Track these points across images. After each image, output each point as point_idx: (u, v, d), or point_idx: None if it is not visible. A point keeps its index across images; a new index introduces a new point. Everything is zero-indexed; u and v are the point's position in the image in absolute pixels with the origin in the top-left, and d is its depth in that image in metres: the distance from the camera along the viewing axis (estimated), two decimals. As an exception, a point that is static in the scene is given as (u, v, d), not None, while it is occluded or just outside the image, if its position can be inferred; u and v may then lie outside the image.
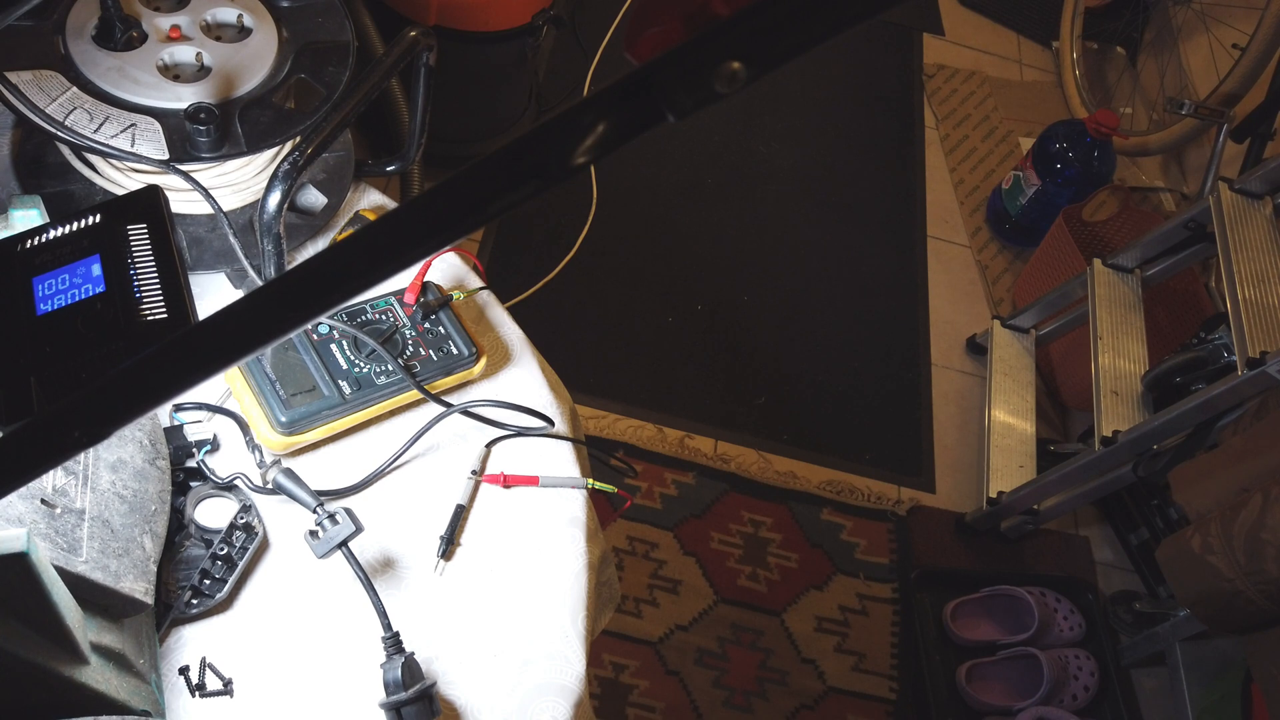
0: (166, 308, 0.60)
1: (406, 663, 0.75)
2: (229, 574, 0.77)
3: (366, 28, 1.69)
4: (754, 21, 0.32)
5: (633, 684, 1.68)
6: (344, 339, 0.88)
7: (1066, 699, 1.71)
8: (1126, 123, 2.69)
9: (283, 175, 0.77)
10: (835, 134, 2.64)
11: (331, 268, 0.38)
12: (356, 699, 0.76)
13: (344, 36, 0.95)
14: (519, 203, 0.35)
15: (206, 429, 0.83)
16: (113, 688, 0.63)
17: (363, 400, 0.86)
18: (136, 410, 0.40)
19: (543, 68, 2.27)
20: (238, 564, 0.78)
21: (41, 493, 0.64)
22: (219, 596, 0.76)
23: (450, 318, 0.94)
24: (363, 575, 0.77)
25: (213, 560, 0.77)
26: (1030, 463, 2.00)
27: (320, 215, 0.97)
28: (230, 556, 0.78)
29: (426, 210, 0.36)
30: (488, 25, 1.85)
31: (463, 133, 2.05)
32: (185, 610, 0.75)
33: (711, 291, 2.24)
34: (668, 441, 1.97)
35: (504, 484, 0.90)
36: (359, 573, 0.77)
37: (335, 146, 1.00)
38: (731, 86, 0.32)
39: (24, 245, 0.63)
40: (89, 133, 0.81)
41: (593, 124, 0.33)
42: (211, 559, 0.77)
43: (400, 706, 0.73)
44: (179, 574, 0.76)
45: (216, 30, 0.93)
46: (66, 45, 0.86)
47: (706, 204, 2.40)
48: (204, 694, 0.74)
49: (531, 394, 0.97)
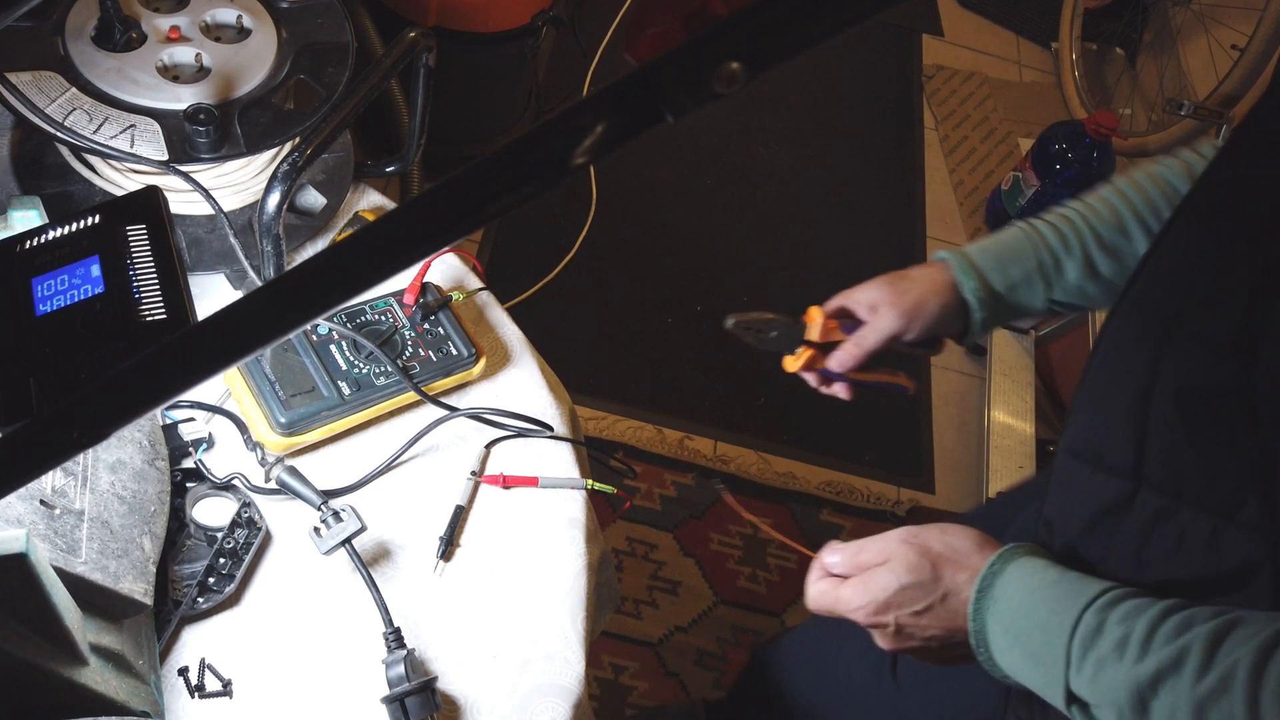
0: (166, 308, 0.60)
1: (409, 657, 0.75)
2: (235, 569, 0.78)
3: (366, 28, 1.69)
4: (753, 22, 0.32)
5: (632, 685, 1.68)
6: (343, 340, 0.88)
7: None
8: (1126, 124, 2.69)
9: (282, 176, 0.77)
10: (835, 135, 2.64)
11: (331, 268, 0.37)
12: (356, 698, 0.76)
13: (343, 37, 0.95)
14: (519, 203, 0.35)
15: (202, 428, 0.83)
16: (112, 689, 0.63)
17: (362, 401, 0.86)
18: (136, 411, 0.40)
19: (542, 68, 2.27)
20: (244, 559, 0.78)
21: (41, 494, 0.64)
22: (227, 591, 0.77)
23: (450, 318, 0.94)
24: (365, 572, 0.77)
25: (217, 557, 0.77)
26: (1030, 463, 2.00)
27: (320, 216, 0.97)
28: (235, 551, 0.78)
29: (426, 211, 0.36)
30: (487, 26, 1.85)
31: (462, 133, 2.05)
32: (195, 608, 0.75)
33: (711, 292, 2.24)
34: (667, 442, 1.97)
35: (503, 485, 0.90)
36: (361, 570, 0.77)
37: (335, 147, 1.00)
38: (731, 87, 0.32)
39: (23, 246, 0.63)
40: (88, 133, 0.81)
41: (592, 124, 0.33)
42: (216, 556, 0.77)
43: (403, 698, 0.73)
44: (184, 573, 0.77)
45: (216, 31, 0.93)
46: (66, 46, 0.86)
47: (706, 205, 2.40)
48: (203, 695, 0.74)
49: (531, 395, 0.97)
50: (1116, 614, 0.60)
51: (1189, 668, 0.55)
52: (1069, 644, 0.61)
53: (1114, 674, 0.58)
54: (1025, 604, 0.65)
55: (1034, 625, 0.64)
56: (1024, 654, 0.64)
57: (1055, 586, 0.65)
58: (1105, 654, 0.59)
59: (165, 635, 0.73)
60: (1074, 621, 0.61)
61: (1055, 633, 0.62)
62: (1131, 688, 0.57)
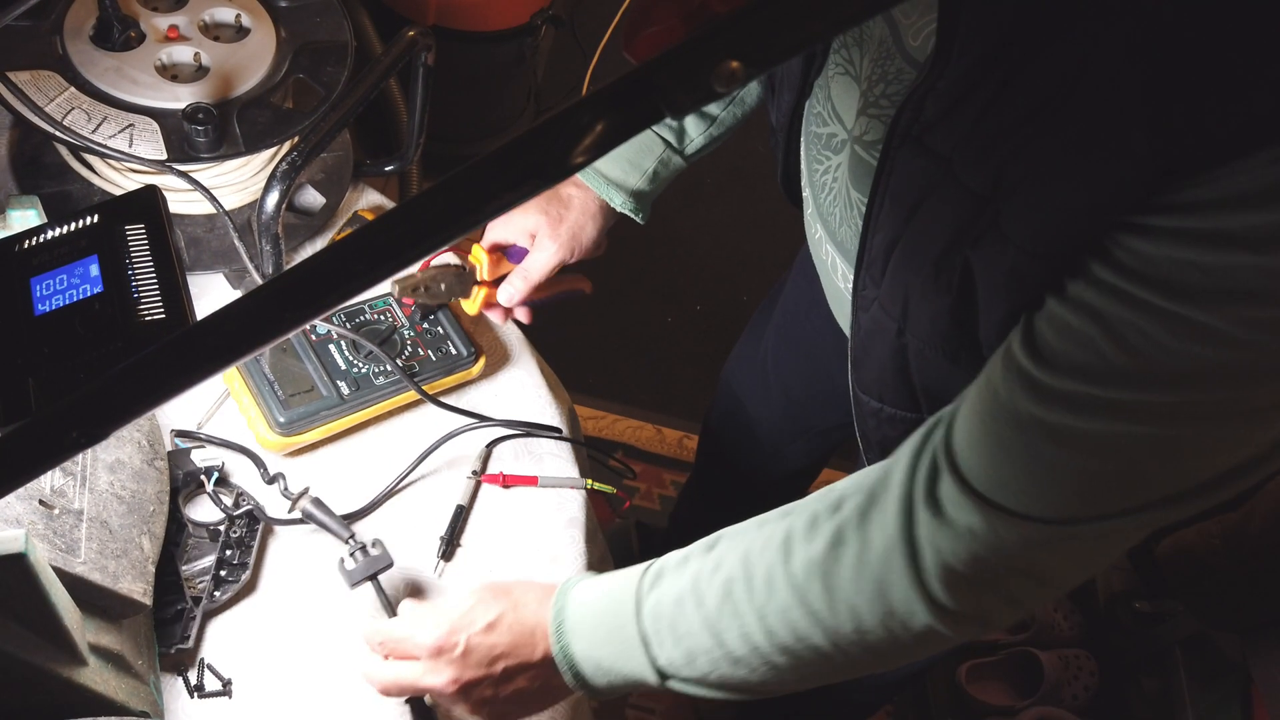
0: (165, 308, 0.59)
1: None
2: (246, 556, 0.79)
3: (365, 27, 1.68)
4: (752, 20, 0.32)
5: (632, 684, 1.68)
6: (342, 339, 0.88)
7: (1066, 699, 1.71)
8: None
9: (281, 175, 0.77)
10: (834, 134, 2.64)
11: (330, 268, 0.37)
12: (356, 698, 0.76)
13: (342, 36, 0.95)
14: (518, 202, 0.35)
15: (215, 455, 0.83)
16: (111, 689, 0.63)
17: (361, 400, 0.86)
18: (135, 411, 0.40)
19: (541, 67, 2.27)
20: (251, 545, 0.79)
21: (40, 494, 0.63)
22: (243, 579, 0.78)
23: (449, 318, 0.93)
24: (390, 611, 0.77)
25: (224, 549, 0.78)
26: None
27: (319, 215, 0.97)
28: (242, 540, 0.79)
29: (425, 210, 0.36)
30: (486, 25, 1.85)
31: (461, 133, 2.04)
32: (216, 601, 0.76)
33: (711, 292, 2.24)
34: (666, 442, 1.97)
35: (503, 484, 0.90)
36: (385, 605, 0.78)
37: (333, 146, 1.00)
38: (730, 85, 0.32)
39: (22, 245, 0.63)
40: (87, 133, 0.81)
41: (591, 123, 0.33)
42: (223, 548, 0.78)
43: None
44: (195, 570, 0.77)
45: (214, 30, 0.92)
46: (64, 45, 0.86)
47: (706, 204, 2.40)
48: (203, 695, 0.74)
49: (530, 394, 0.97)
50: (657, 580, 0.64)
51: (739, 589, 0.60)
52: (638, 624, 0.63)
53: (689, 624, 0.62)
54: (593, 605, 0.66)
55: (605, 618, 0.65)
56: (607, 654, 0.65)
57: (610, 581, 0.66)
58: (672, 619, 0.62)
59: (192, 631, 0.74)
60: (634, 603, 0.64)
61: (625, 619, 0.64)
62: (705, 626, 0.61)
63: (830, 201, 0.75)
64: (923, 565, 0.56)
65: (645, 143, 0.93)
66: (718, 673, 0.62)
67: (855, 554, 0.57)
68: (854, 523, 0.58)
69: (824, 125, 0.73)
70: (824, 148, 0.74)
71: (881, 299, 0.66)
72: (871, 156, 0.64)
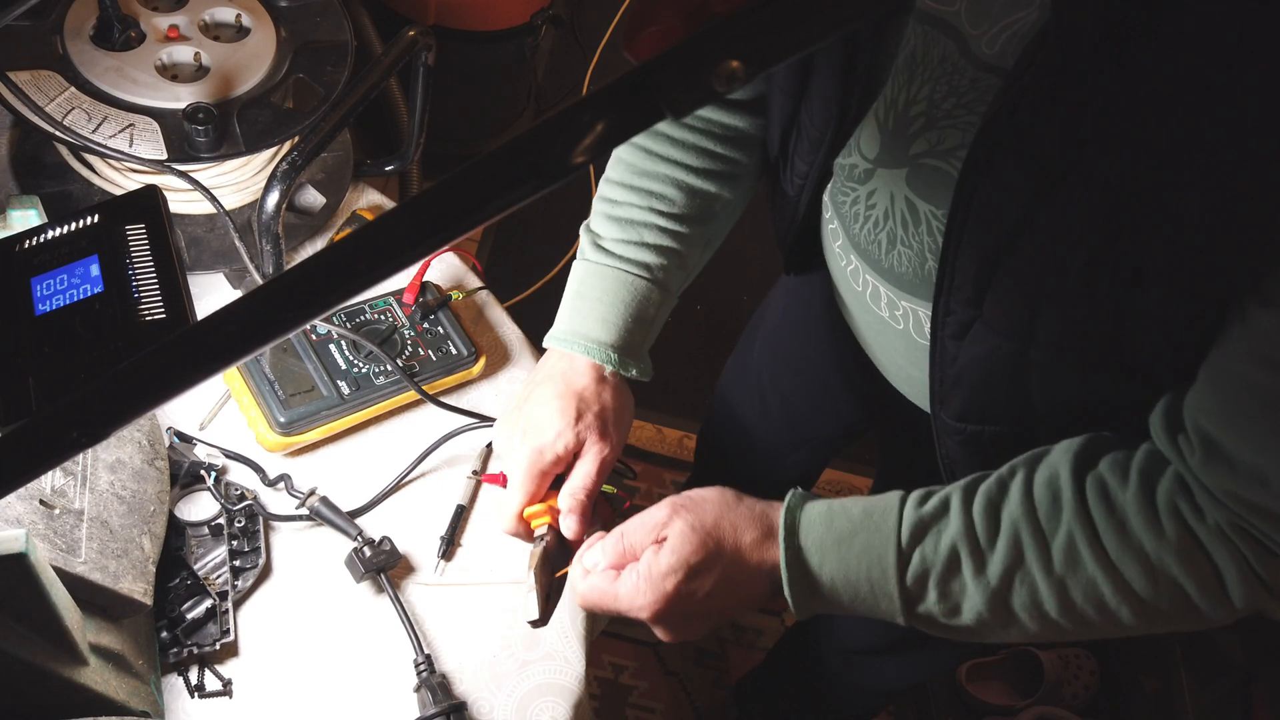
0: (165, 308, 0.59)
1: (441, 681, 0.77)
2: (257, 542, 0.79)
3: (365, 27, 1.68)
4: (752, 20, 0.32)
5: (632, 685, 1.68)
6: (343, 339, 0.88)
7: (1066, 698, 1.71)
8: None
9: (281, 175, 0.77)
10: (834, 133, 2.64)
11: (330, 268, 0.37)
12: (356, 698, 0.76)
13: (342, 36, 0.95)
14: (518, 202, 0.35)
15: (215, 454, 0.83)
16: (112, 688, 0.63)
17: (362, 400, 0.86)
18: (135, 410, 0.40)
19: (541, 67, 2.27)
20: (257, 531, 0.80)
21: (40, 493, 0.64)
22: (260, 563, 0.79)
23: (449, 317, 0.93)
24: (400, 606, 0.78)
25: (231, 540, 0.79)
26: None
27: (319, 215, 0.97)
28: (248, 529, 0.80)
29: (425, 210, 0.36)
30: (487, 25, 1.85)
31: (462, 133, 2.04)
32: (240, 590, 0.77)
33: (711, 292, 2.24)
34: (667, 442, 1.97)
35: (504, 484, 0.89)
36: (395, 600, 0.78)
37: (334, 146, 1.00)
38: (730, 85, 0.32)
39: (22, 245, 0.63)
40: (87, 133, 0.81)
41: (591, 123, 0.33)
42: (230, 539, 0.78)
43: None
44: (210, 566, 0.78)
45: (215, 30, 0.92)
46: (65, 45, 0.86)
47: (706, 204, 2.40)
48: (203, 694, 0.74)
49: (531, 394, 0.97)
50: (923, 513, 0.63)
51: (1030, 557, 0.60)
52: (898, 543, 0.62)
53: (963, 585, 0.61)
54: (834, 512, 0.64)
55: (853, 527, 0.63)
56: (849, 556, 0.63)
57: (855, 504, 0.65)
58: (942, 570, 0.61)
59: (230, 624, 0.75)
60: (895, 524, 0.62)
61: (879, 533, 0.63)
62: (987, 597, 0.61)
63: (871, 229, 0.72)
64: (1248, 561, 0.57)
65: (619, 288, 0.86)
66: (981, 630, 0.62)
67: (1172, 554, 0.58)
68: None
69: (846, 156, 0.71)
70: (847, 179, 0.72)
71: (988, 320, 0.62)
72: (952, 166, 0.62)
